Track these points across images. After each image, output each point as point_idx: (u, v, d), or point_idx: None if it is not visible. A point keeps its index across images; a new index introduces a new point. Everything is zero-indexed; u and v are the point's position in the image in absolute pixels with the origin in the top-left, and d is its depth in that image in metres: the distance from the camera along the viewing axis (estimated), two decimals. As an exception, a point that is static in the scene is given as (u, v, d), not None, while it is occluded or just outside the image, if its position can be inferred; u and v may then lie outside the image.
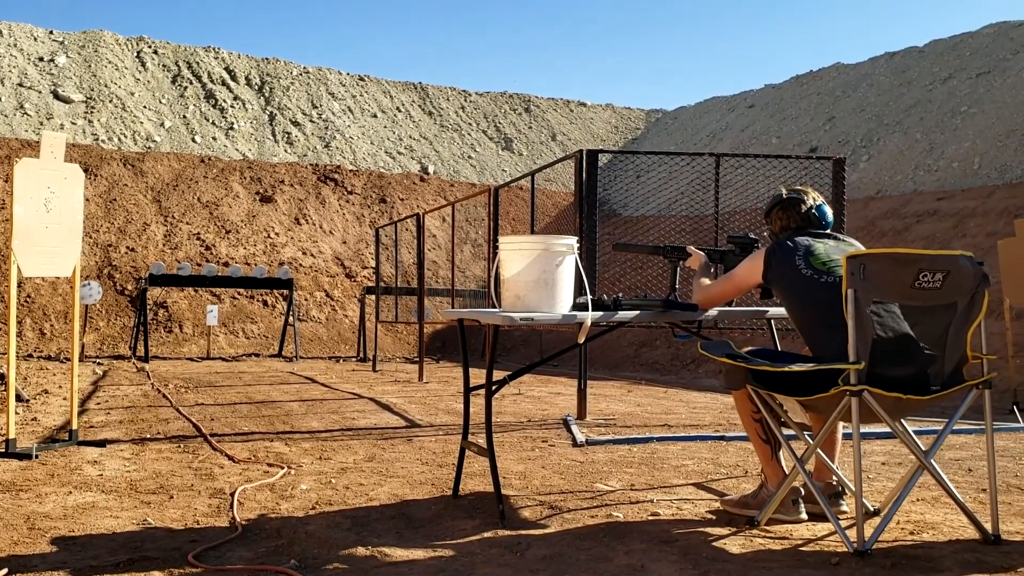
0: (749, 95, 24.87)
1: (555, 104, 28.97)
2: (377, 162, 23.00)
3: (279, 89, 23.76)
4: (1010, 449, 5.38)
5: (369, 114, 24.76)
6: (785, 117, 21.82)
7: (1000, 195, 13.37)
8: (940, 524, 3.32)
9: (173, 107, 21.72)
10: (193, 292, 17.11)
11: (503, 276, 3.62)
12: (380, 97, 25.64)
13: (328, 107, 24.07)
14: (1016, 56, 17.01)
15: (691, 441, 5.59)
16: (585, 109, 29.38)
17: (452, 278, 11.70)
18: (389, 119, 24.99)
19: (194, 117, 21.69)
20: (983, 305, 3.07)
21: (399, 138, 24.41)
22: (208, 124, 21.78)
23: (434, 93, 26.80)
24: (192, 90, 22.40)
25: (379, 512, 3.53)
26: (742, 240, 4.00)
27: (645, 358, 14.89)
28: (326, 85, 24.76)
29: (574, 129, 28.09)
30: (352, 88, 25.34)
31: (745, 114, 23.84)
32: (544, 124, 27.74)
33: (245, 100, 22.98)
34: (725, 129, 23.77)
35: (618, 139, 28.31)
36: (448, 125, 25.88)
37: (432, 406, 7.80)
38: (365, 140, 23.66)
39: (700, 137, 24.31)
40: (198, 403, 7.81)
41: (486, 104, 27.48)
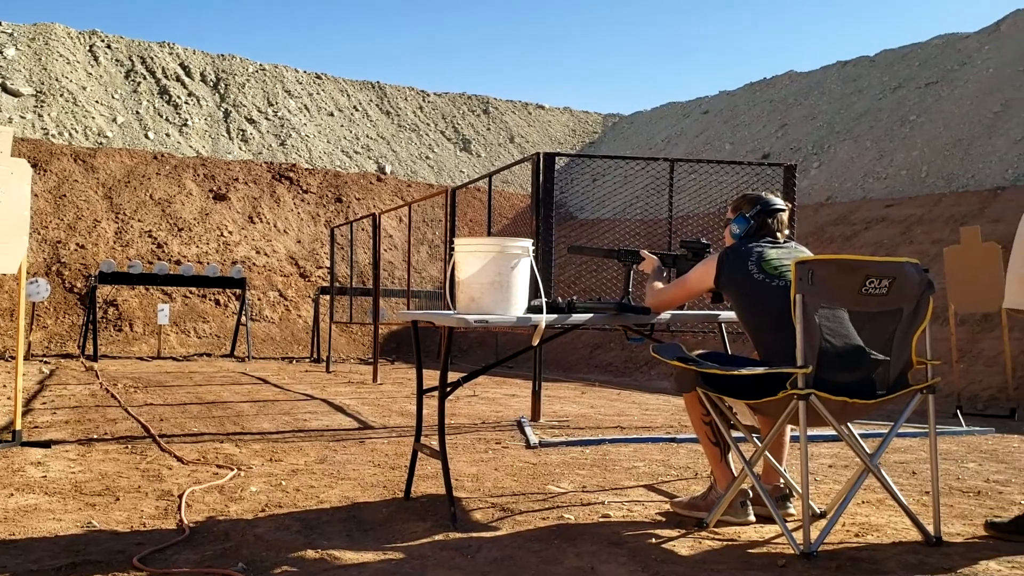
0: (704, 101, 25.13)
1: (513, 106, 29.01)
2: (333, 161, 22.83)
3: (234, 86, 23.48)
4: (953, 452, 5.51)
5: (325, 112, 24.58)
6: (739, 123, 22.09)
7: (946, 203, 13.67)
8: (884, 526, 3.38)
9: (126, 102, 21.36)
10: (144, 290, 16.83)
11: (458, 278, 3.62)
12: (337, 96, 25.46)
13: (284, 105, 23.84)
14: (963, 68, 17.41)
15: (643, 443, 5.63)
16: (543, 112, 29.46)
17: (408, 279, 11.65)
18: (346, 118, 24.83)
19: (147, 113, 21.35)
20: (928, 311, 3.14)
21: (356, 137, 24.26)
22: (162, 120, 21.44)
23: (392, 93, 26.68)
24: (146, 86, 22.04)
25: (330, 514, 3.50)
26: (694, 245, 4.05)
27: (600, 360, 14.98)
28: (282, 83, 24.53)
29: (532, 132, 28.15)
30: (308, 86, 25.13)
31: (700, 120, 24.09)
32: (502, 126, 27.77)
33: (200, 97, 22.67)
34: (680, 134, 24.00)
35: (576, 142, 28.44)
36: (406, 125, 25.78)
37: (386, 408, 7.77)
38: (321, 139, 23.48)
39: (656, 142, 24.51)
40: (147, 403, 7.69)
41: (444, 105, 27.43)
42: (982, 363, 9.72)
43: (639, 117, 27.88)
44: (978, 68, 16.98)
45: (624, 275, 4.18)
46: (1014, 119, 14.52)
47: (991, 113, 15.14)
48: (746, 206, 3.52)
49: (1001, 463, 5.10)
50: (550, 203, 6.80)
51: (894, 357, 3.14)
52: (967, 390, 9.18)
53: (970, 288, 7.85)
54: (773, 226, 3.47)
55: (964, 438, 6.30)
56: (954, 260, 8.03)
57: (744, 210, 3.51)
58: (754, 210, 3.49)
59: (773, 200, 3.53)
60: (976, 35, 18.23)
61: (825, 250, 13.74)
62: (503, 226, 21.26)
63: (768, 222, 3.47)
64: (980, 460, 5.20)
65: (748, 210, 3.50)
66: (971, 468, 4.89)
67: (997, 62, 16.58)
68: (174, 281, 15.76)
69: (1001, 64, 16.35)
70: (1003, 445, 5.93)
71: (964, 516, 3.60)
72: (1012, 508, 3.73)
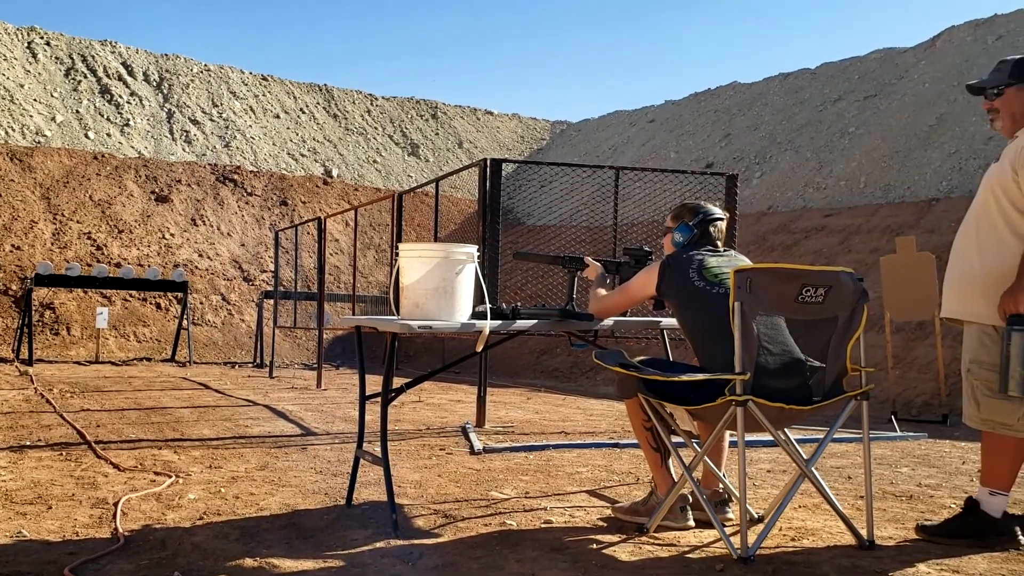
0: (650, 110, 25.40)
1: (462, 112, 29.00)
2: (279, 163, 22.58)
3: (178, 86, 23.09)
4: (887, 457, 5.64)
5: (272, 114, 24.30)
6: (684, 133, 22.38)
7: (883, 213, 14.01)
8: (820, 530, 3.45)
9: (65, 101, 20.87)
10: (82, 293, 16.45)
11: (402, 283, 3.61)
12: (283, 98, 25.19)
13: (229, 106, 23.52)
14: (901, 81, 17.87)
15: (586, 448, 5.67)
16: (492, 118, 29.50)
17: (353, 283, 11.58)
18: (292, 120, 24.58)
19: (88, 112, 20.89)
20: (862, 319, 3.21)
21: (302, 140, 24.03)
22: (102, 120, 21.00)
23: (339, 96, 26.49)
24: (86, 84, 21.57)
25: (269, 522, 3.46)
26: (637, 252, 4.09)
27: (546, 366, 15.03)
28: (227, 84, 24.19)
29: (481, 137, 28.18)
30: (255, 87, 24.83)
31: (646, 128, 24.35)
32: (451, 131, 27.74)
33: (142, 96, 22.25)
34: (627, 143, 24.22)
35: (524, 148, 28.53)
36: (353, 128, 25.61)
37: (329, 413, 7.70)
38: (267, 141, 23.20)
39: (603, 149, 24.70)
40: (84, 409, 7.52)
41: (393, 109, 27.31)
42: (916, 370, 9.97)
43: (587, 125, 28.08)
44: (915, 82, 17.44)
45: (568, 282, 4.21)
46: (948, 132, 14.94)
47: (926, 126, 15.56)
48: (688, 215, 3.59)
49: (933, 467, 5.24)
50: (497, 209, 6.82)
51: (829, 364, 3.21)
52: (902, 396, 9.41)
53: (905, 297, 8.04)
54: (713, 234, 3.55)
55: (898, 443, 6.46)
56: (890, 269, 8.22)
57: (686, 219, 3.58)
58: (696, 219, 3.56)
59: (713, 210, 3.61)
60: (913, 50, 18.72)
61: (766, 258, 13.98)
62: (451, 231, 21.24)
63: (709, 231, 3.55)
64: (913, 465, 5.34)
65: (690, 219, 3.57)
66: (904, 473, 5.01)
67: (932, 76, 17.05)
68: (113, 284, 15.43)
69: (936, 79, 16.82)
70: (935, 450, 6.09)
71: (897, 520, 3.69)
72: (942, 512, 3.83)
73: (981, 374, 3.28)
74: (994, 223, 3.30)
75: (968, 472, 5.05)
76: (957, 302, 3.41)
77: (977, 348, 3.31)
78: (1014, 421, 3.20)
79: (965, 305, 3.37)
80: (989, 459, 3.31)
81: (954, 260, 3.46)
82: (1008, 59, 3.46)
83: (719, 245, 3.57)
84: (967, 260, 3.38)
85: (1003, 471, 3.27)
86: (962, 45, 17.38)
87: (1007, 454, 3.26)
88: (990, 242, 3.30)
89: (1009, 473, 3.27)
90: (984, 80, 3.49)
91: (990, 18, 17.53)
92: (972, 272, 3.34)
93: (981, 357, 3.29)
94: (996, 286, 3.23)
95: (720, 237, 3.59)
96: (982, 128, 13.92)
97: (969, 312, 3.35)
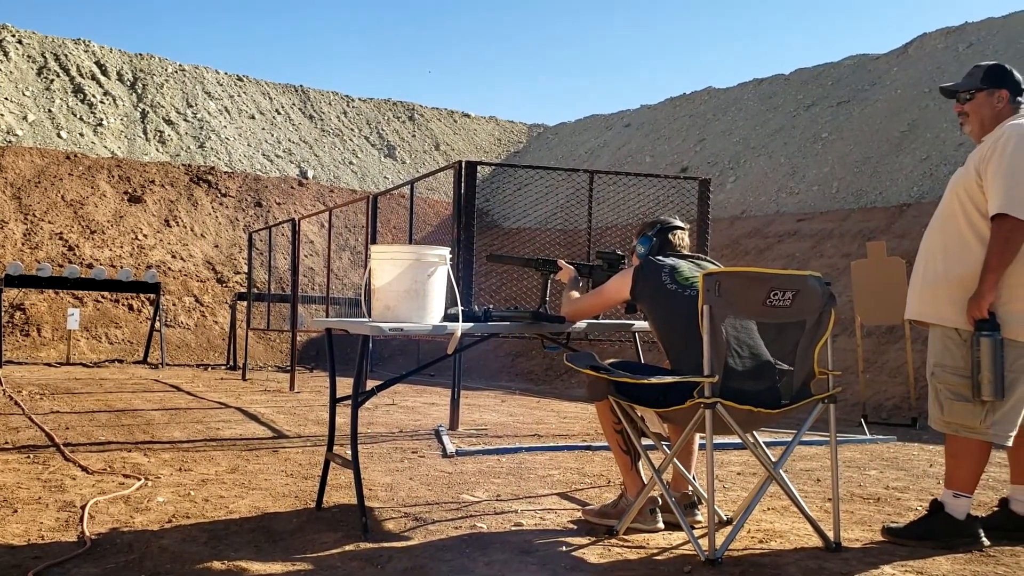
0: (626, 114, 25.50)
1: (439, 114, 28.97)
2: (254, 164, 22.44)
3: (152, 86, 22.91)
4: (856, 460, 5.69)
5: (247, 115, 24.16)
6: (659, 137, 22.49)
7: (855, 218, 14.15)
8: (788, 532, 3.48)
9: (38, 100, 20.63)
10: (54, 294, 16.27)
11: (374, 285, 3.61)
12: (259, 98, 25.06)
13: (204, 106, 23.36)
14: (873, 87, 18.06)
15: (558, 451, 5.68)
16: (469, 120, 29.50)
17: (327, 285, 11.53)
18: (268, 121, 24.45)
19: (60, 112, 20.66)
20: (829, 323, 3.25)
21: (277, 141, 23.91)
22: (75, 119, 20.78)
23: (315, 97, 26.38)
24: (59, 83, 21.33)
25: (238, 525, 3.44)
26: (610, 256, 4.12)
27: (521, 368, 15.04)
28: (202, 84, 24.03)
29: (458, 140, 28.16)
30: (230, 88, 24.68)
31: (622, 132, 24.44)
32: (428, 133, 27.71)
33: (116, 96, 22.05)
34: (603, 146, 24.30)
35: (501, 151, 28.54)
36: (329, 130, 25.51)
37: (302, 416, 7.67)
38: (242, 141, 23.06)
39: (579, 153, 24.77)
40: (53, 411, 7.44)
41: (369, 110, 27.23)
42: (887, 373, 10.07)
43: (563, 128, 28.15)
44: (887, 88, 17.63)
45: (542, 284, 4.23)
46: (920, 139, 15.11)
47: (898, 132, 15.73)
48: (647, 228, 3.73)
49: (901, 470, 5.30)
50: (472, 211, 6.82)
51: (797, 367, 3.24)
52: (872, 399, 9.50)
53: (876, 301, 8.13)
54: (674, 242, 3.64)
55: (867, 446, 6.52)
56: (861, 274, 8.31)
57: (646, 231, 3.72)
58: (654, 230, 3.69)
59: (671, 220, 3.74)
60: (886, 56, 18.93)
61: (739, 262, 14.07)
62: (427, 233, 21.20)
63: (669, 239, 3.66)
64: (881, 467, 5.39)
65: (649, 231, 3.70)
66: (872, 475, 5.07)
67: (904, 83, 17.25)
68: (85, 285, 15.26)
69: (908, 85, 17.01)
70: (904, 453, 6.16)
71: (864, 522, 3.73)
72: (908, 514, 3.87)
73: (945, 377, 3.33)
74: (959, 227, 3.35)
75: (935, 475, 5.11)
76: (921, 304, 3.46)
77: (941, 351, 3.36)
78: (977, 424, 3.25)
79: (929, 308, 3.42)
80: (953, 462, 3.36)
81: (919, 263, 3.51)
82: (982, 64, 3.52)
83: (685, 252, 3.62)
84: (932, 263, 3.43)
85: (966, 474, 3.31)
86: (934, 52, 17.60)
87: (970, 457, 3.30)
88: (955, 246, 3.35)
89: (972, 476, 3.31)
90: (957, 84, 3.55)
91: (961, 26, 17.76)
92: (936, 275, 3.39)
93: (945, 360, 3.34)
94: (960, 289, 3.28)
95: (683, 245, 3.65)
96: (953, 134, 14.10)
97: (933, 315, 3.40)
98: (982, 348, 3.17)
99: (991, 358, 3.16)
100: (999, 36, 16.47)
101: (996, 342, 3.16)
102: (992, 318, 3.19)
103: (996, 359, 3.15)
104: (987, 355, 3.16)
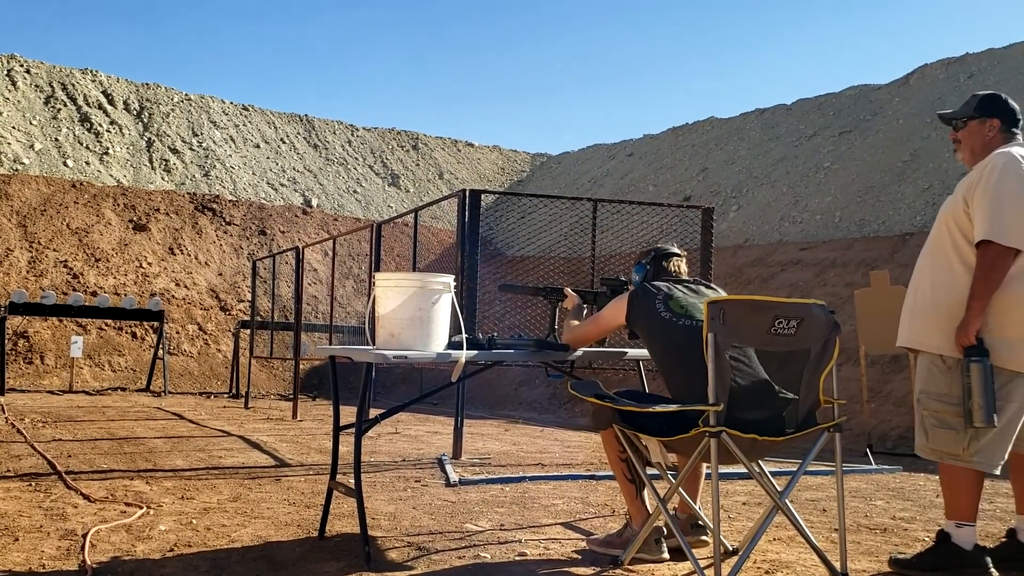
0: (629, 144, 25.61)
1: (443, 143, 29.11)
2: (258, 193, 22.54)
3: (158, 115, 23.07)
4: (862, 490, 5.66)
5: (252, 144, 24.31)
6: (662, 166, 22.57)
7: (858, 247, 14.16)
8: (794, 563, 3.46)
9: (44, 129, 20.77)
10: (57, 322, 16.28)
11: (378, 313, 3.61)
12: (264, 127, 25.21)
13: (209, 135, 23.50)
14: (875, 117, 18.14)
15: (562, 480, 5.65)
16: (472, 149, 29.64)
17: (331, 313, 11.53)
18: (272, 150, 24.58)
19: (67, 140, 20.79)
20: (834, 352, 3.24)
21: (282, 169, 24.03)
22: (82, 148, 20.90)
23: (320, 126, 26.54)
24: (66, 112, 21.49)
25: (240, 554, 3.42)
26: (613, 282, 4.13)
27: (524, 397, 14.99)
28: (208, 113, 24.20)
29: (461, 168, 28.28)
30: (235, 117, 24.84)
31: (625, 162, 24.54)
32: (432, 162, 27.84)
33: (122, 125, 22.19)
34: (606, 175, 24.39)
35: (504, 180, 28.65)
36: (334, 159, 25.64)
37: (304, 445, 7.64)
38: (247, 170, 23.18)
39: (582, 182, 24.86)
40: (55, 439, 7.42)
41: (373, 140, 27.39)
42: (891, 403, 10.03)
43: (566, 157, 28.27)
44: (889, 118, 17.71)
45: (550, 312, 4.25)
46: (922, 168, 15.16)
47: (900, 162, 15.78)
48: (642, 256, 3.77)
49: (907, 500, 5.26)
50: (475, 239, 6.84)
51: (802, 396, 3.23)
52: (877, 429, 9.46)
53: (879, 330, 8.10)
54: (669, 268, 3.66)
55: (873, 476, 6.48)
56: (864, 303, 8.29)
57: (641, 259, 3.76)
58: (649, 257, 3.72)
59: (666, 247, 3.77)
60: (887, 87, 19.03)
61: (742, 291, 14.06)
62: (430, 261, 21.24)
63: (664, 265, 3.68)
64: (888, 498, 5.36)
65: (644, 258, 3.74)
66: (879, 505, 5.03)
67: (906, 113, 17.33)
68: (89, 313, 15.27)
69: (910, 115, 17.09)
70: (910, 483, 6.12)
71: (871, 552, 3.70)
72: (916, 544, 3.84)
73: (930, 404, 3.33)
74: (947, 255, 3.37)
75: (942, 505, 5.06)
76: (910, 332, 3.48)
77: (927, 377, 3.37)
78: (960, 451, 3.23)
79: (916, 335, 3.44)
80: (948, 492, 3.35)
81: (910, 291, 3.54)
82: (978, 93, 3.55)
83: (682, 278, 3.63)
84: (921, 291, 3.45)
85: (963, 502, 3.29)
86: (935, 83, 17.70)
87: (964, 485, 3.28)
88: (942, 273, 3.37)
89: (969, 504, 3.29)
90: (954, 112, 3.58)
91: (962, 57, 17.87)
92: (924, 302, 3.41)
93: (930, 387, 3.34)
94: (947, 316, 3.29)
95: (679, 271, 3.67)
96: (955, 164, 14.14)
97: (920, 341, 3.41)
98: (972, 374, 3.16)
99: (981, 384, 3.14)
100: (1000, 67, 16.56)
101: (986, 368, 3.15)
102: (980, 344, 3.19)
103: (986, 385, 3.14)
104: (977, 381, 3.15)
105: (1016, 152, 3.33)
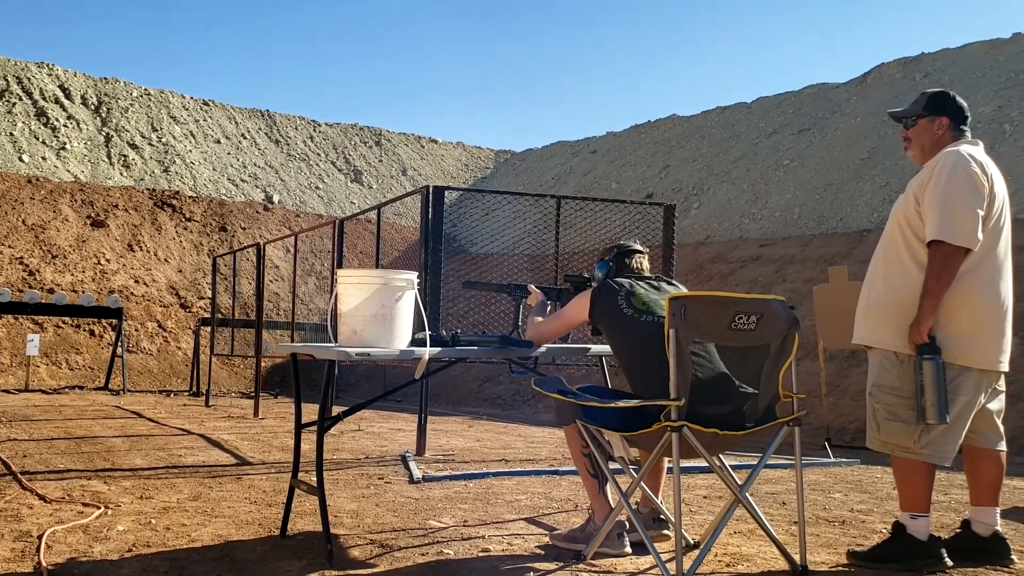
0: (592, 141, 25.71)
1: (406, 139, 29.00)
2: (219, 189, 22.29)
3: (117, 110, 22.71)
4: (821, 483, 5.74)
5: (212, 139, 24.02)
6: (624, 163, 22.69)
7: (817, 244, 14.35)
8: (754, 556, 3.50)
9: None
10: (12, 319, 15.98)
11: (340, 310, 3.59)
12: (224, 123, 24.94)
13: (169, 131, 23.19)
14: (833, 116, 18.38)
15: (526, 476, 5.66)
16: (436, 146, 29.56)
17: (292, 311, 11.45)
18: (233, 145, 24.32)
19: (22, 135, 20.40)
20: (793, 347, 3.28)
21: (243, 165, 23.78)
22: (38, 143, 20.52)
23: (282, 121, 26.31)
24: (21, 107, 21.07)
25: (200, 554, 3.39)
26: (577, 279, 4.14)
27: (489, 393, 15.00)
28: (167, 108, 23.87)
29: (425, 165, 28.20)
30: (195, 112, 24.54)
31: (588, 159, 24.63)
32: (395, 158, 27.72)
33: (79, 120, 21.82)
34: (569, 172, 24.46)
35: (468, 177, 28.61)
36: (295, 154, 25.43)
37: (266, 443, 7.58)
38: (207, 166, 22.91)
39: (546, 179, 24.90)
40: (10, 438, 7.29)
41: (336, 135, 27.20)
42: (849, 397, 10.18)
43: (530, 154, 28.30)
44: (847, 117, 17.96)
45: (514, 309, 4.25)
46: (879, 166, 15.39)
47: (858, 160, 16.01)
48: (605, 253, 3.79)
49: (865, 493, 5.35)
50: (439, 236, 6.82)
51: (762, 391, 3.27)
52: (835, 423, 9.59)
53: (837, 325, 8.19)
54: (632, 265, 3.68)
55: (832, 469, 6.58)
56: (823, 298, 8.39)
57: (604, 256, 3.78)
58: (611, 254, 3.75)
59: (629, 244, 3.79)
60: (845, 85, 19.29)
61: (704, 287, 14.18)
62: (394, 258, 21.15)
63: (626, 262, 3.70)
64: (846, 490, 5.44)
65: (607, 255, 3.76)
66: (837, 498, 5.11)
67: (864, 111, 17.58)
68: (46, 310, 15.02)
69: (867, 114, 17.34)
70: (867, 476, 6.21)
71: (829, 545, 3.75)
72: (873, 536, 3.91)
73: (882, 397, 3.39)
74: (899, 253, 3.42)
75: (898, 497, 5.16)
76: (864, 328, 3.54)
77: (879, 372, 3.42)
78: (911, 444, 3.30)
79: (870, 332, 3.49)
80: (901, 485, 3.41)
81: (864, 288, 3.60)
82: (927, 92, 3.60)
83: (644, 275, 3.65)
84: (874, 288, 3.50)
85: (917, 494, 3.35)
86: (892, 82, 17.98)
87: (916, 478, 3.34)
88: (895, 271, 3.42)
89: (922, 495, 3.35)
90: (903, 110, 3.63)
91: (918, 56, 18.17)
92: (877, 299, 3.46)
93: (882, 381, 3.40)
94: (899, 313, 3.34)
95: (641, 268, 3.69)
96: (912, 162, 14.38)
97: (873, 338, 3.47)
98: (924, 372, 3.21)
99: (934, 381, 3.19)
100: (955, 66, 16.87)
101: (938, 365, 3.20)
102: (932, 342, 3.24)
103: (939, 382, 3.19)
104: (930, 378, 3.20)
105: (965, 151, 3.39)
